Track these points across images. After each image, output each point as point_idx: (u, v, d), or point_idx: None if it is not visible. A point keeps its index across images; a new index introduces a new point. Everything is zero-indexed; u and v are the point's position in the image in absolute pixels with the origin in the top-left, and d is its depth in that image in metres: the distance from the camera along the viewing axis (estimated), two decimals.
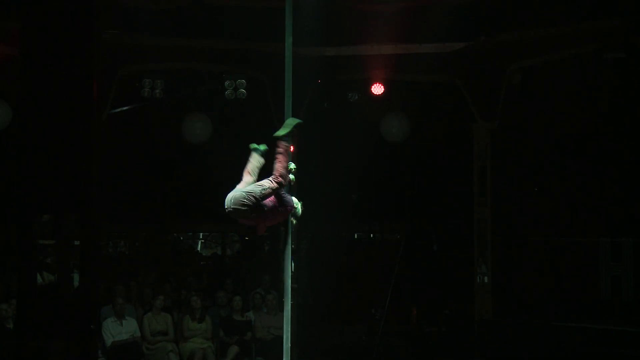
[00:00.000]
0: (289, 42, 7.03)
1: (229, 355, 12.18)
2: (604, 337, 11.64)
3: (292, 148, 6.78)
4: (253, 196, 6.49)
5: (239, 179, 6.85)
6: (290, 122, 6.76)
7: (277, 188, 6.60)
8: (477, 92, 13.00)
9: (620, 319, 12.41)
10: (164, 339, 12.08)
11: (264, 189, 6.55)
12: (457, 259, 13.87)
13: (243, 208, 6.50)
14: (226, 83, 13.11)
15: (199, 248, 19.77)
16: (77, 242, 10.26)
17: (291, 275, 7.08)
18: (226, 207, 6.55)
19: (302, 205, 7.03)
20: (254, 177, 6.74)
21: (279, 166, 6.65)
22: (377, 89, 13.42)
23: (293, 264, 7.25)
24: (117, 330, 11.82)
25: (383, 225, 16.70)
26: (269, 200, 6.67)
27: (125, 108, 13.27)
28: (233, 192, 6.57)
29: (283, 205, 6.76)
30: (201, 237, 20.03)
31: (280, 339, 7.75)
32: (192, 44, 12.85)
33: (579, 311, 12.90)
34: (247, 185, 6.61)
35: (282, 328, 7.07)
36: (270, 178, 6.65)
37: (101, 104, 11.26)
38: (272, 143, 6.88)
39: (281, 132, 6.72)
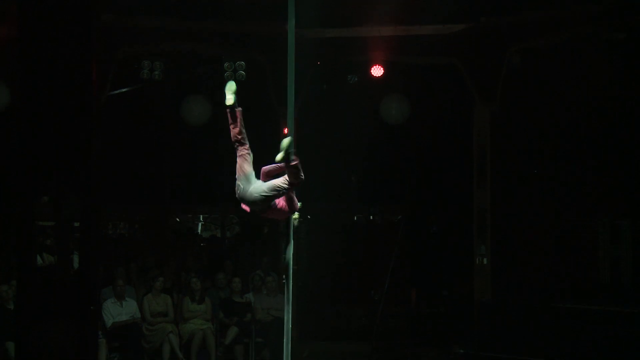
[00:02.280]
0: (292, 24, 6.96)
1: (229, 337, 12.21)
2: (603, 318, 11.67)
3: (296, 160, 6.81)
4: (268, 195, 6.79)
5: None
6: (283, 146, 6.73)
7: (288, 188, 6.84)
8: (477, 74, 12.96)
9: (619, 300, 12.45)
10: (164, 320, 12.11)
11: (279, 189, 6.81)
12: (456, 241, 13.89)
13: (259, 201, 6.81)
14: (225, 65, 13.07)
15: (198, 230, 19.80)
16: (77, 224, 10.26)
17: (291, 257, 7.09)
18: (244, 195, 6.82)
19: (299, 217, 7.15)
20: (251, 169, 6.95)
21: (291, 177, 6.82)
22: (377, 71, 13.37)
23: (292, 246, 7.25)
24: (117, 311, 11.85)
25: (382, 207, 16.72)
26: (281, 200, 6.93)
27: (124, 90, 13.24)
28: (253, 185, 6.84)
29: (290, 208, 6.99)
30: (201, 219, 20.07)
31: (279, 320, 7.77)
32: (191, 25, 12.80)
33: (578, 292, 12.94)
34: (264, 183, 6.87)
35: (281, 309, 7.08)
36: (282, 181, 6.83)
37: (100, 85, 11.23)
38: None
39: (279, 156, 6.78)
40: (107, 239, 15.91)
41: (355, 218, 17.53)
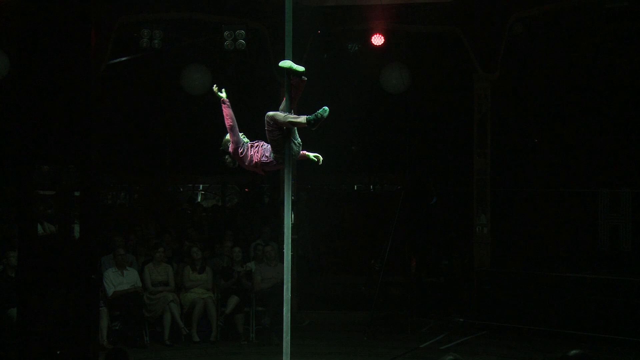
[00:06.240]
0: None
1: (229, 306, 12.26)
2: (603, 287, 11.72)
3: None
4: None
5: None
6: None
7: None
8: (478, 43, 12.91)
9: (618, 269, 12.49)
10: (165, 289, 12.16)
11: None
12: (456, 210, 13.91)
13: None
14: (225, 34, 13.01)
15: (199, 200, 19.82)
16: (77, 193, 10.27)
17: (291, 227, 7.09)
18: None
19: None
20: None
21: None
22: (377, 40, 13.31)
23: (293, 216, 7.24)
24: (119, 280, 11.88)
25: (383, 176, 16.72)
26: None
27: (123, 59, 13.18)
28: None
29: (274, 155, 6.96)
30: (201, 188, 20.07)
31: (279, 289, 7.78)
32: None
33: (578, 261, 12.97)
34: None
35: (281, 279, 7.09)
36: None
37: (99, 54, 11.18)
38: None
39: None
40: (108, 209, 15.92)
41: (355, 187, 17.55)
